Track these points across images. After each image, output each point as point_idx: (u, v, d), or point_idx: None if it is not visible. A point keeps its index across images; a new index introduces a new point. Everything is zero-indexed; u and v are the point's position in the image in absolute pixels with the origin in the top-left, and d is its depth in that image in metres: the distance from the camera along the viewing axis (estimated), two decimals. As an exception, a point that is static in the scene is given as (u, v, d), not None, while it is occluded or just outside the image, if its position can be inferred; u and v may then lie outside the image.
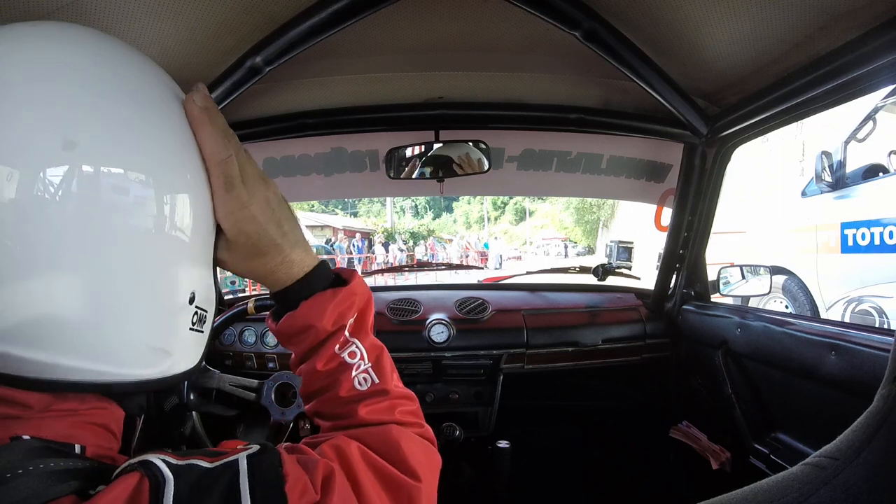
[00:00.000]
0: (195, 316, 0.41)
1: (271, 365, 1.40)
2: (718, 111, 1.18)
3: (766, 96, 1.01)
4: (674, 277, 1.49)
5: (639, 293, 1.65)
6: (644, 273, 1.73)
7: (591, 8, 0.84)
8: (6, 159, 0.30)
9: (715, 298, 1.48)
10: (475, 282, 2.03)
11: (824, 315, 3.46)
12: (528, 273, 1.96)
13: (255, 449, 0.35)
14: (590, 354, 1.48)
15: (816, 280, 3.66)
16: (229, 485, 0.31)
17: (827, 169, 3.52)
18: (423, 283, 2.16)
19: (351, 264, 14.20)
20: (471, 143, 1.37)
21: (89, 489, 0.30)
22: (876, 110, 3.38)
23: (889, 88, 2.96)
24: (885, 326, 3.07)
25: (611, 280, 1.66)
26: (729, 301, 1.67)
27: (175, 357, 0.39)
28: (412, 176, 1.42)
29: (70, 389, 0.34)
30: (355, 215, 31.14)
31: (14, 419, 0.33)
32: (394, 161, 1.42)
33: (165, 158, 0.36)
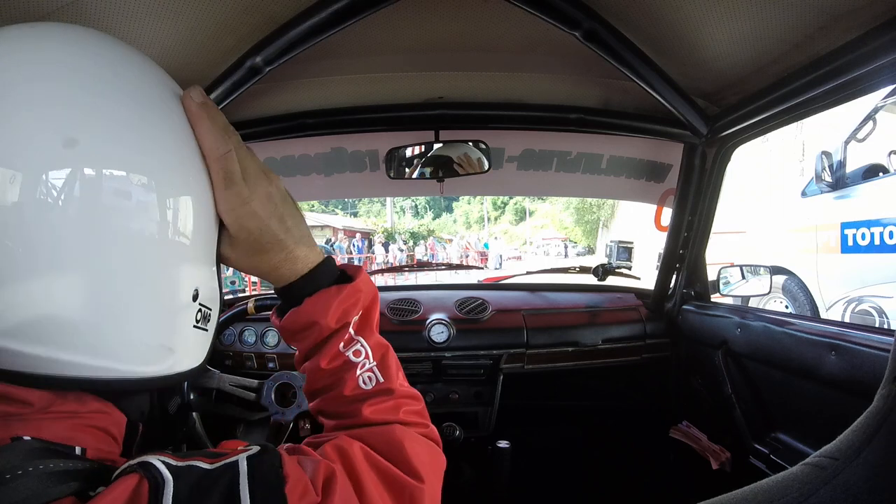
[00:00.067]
0: (199, 314, 0.41)
1: (271, 365, 1.40)
2: (718, 111, 1.18)
3: (766, 96, 1.01)
4: (674, 277, 1.49)
5: (639, 293, 1.65)
6: (644, 273, 1.73)
7: (591, 8, 0.84)
8: (6, 161, 0.30)
9: (715, 298, 1.47)
10: (475, 282, 2.03)
11: (824, 315, 3.45)
12: (528, 273, 1.96)
13: (256, 450, 0.34)
14: (590, 354, 1.48)
15: (816, 280, 3.65)
16: (229, 486, 0.31)
17: (827, 169, 3.52)
18: (423, 283, 2.15)
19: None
20: (471, 143, 1.37)
21: (89, 490, 0.30)
22: (876, 110, 3.38)
23: (889, 88, 2.96)
24: (885, 326, 3.07)
25: (611, 280, 1.66)
26: (729, 301, 1.67)
27: (178, 355, 0.39)
28: (412, 176, 1.42)
29: (69, 386, 0.34)
30: (355, 215, 31.14)
31: (15, 418, 0.32)
32: (394, 161, 1.42)
33: (166, 158, 0.36)
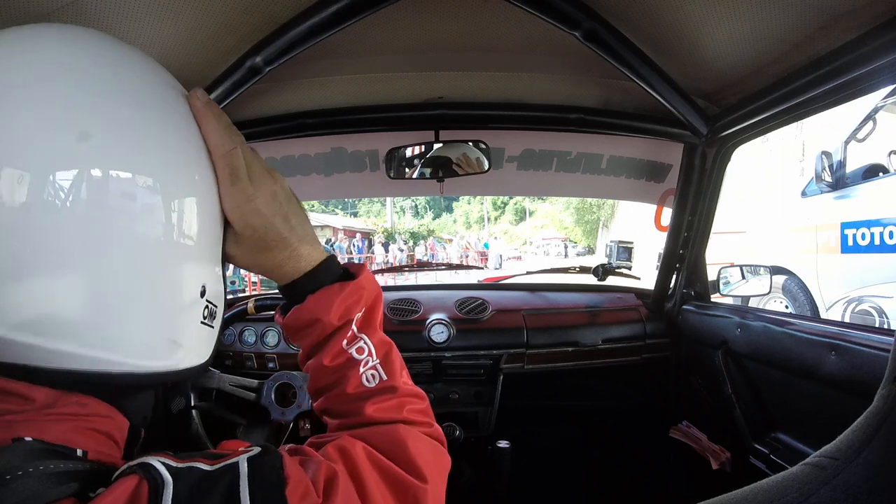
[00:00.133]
0: (206, 310, 0.41)
1: (271, 365, 1.40)
2: (718, 111, 1.18)
3: (766, 96, 1.01)
4: (674, 277, 1.49)
5: (639, 293, 1.64)
6: (644, 273, 1.73)
7: (591, 8, 0.84)
8: (12, 161, 0.30)
9: (715, 298, 1.47)
10: (475, 282, 2.03)
11: (824, 315, 3.45)
12: (528, 273, 1.96)
13: (257, 451, 0.34)
14: (590, 354, 1.48)
15: (816, 280, 3.65)
16: (229, 487, 0.31)
17: (827, 169, 3.52)
18: (423, 283, 2.15)
19: (351, 264, 14.16)
20: (471, 143, 1.37)
21: (89, 491, 0.29)
22: (876, 110, 3.38)
23: (889, 88, 2.96)
24: (885, 326, 3.07)
25: (611, 280, 1.66)
26: (729, 301, 1.67)
27: (186, 350, 0.39)
28: (412, 176, 1.42)
29: (77, 380, 0.33)
30: (355, 215, 31.14)
31: (17, 417, 0.32)
32: (394, 161, 1.42)
33: (171, 157, 0.37)
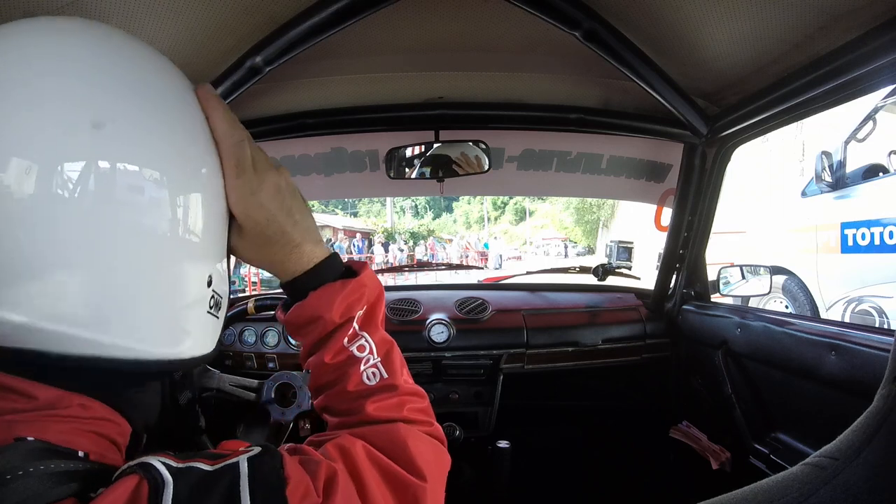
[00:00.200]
0: (212, 300, 0.41)
1: (271, 365, 1.40)
2: (718, 111, 1.18)
3: (766, 96, 1.01)
4: (674, 277, 1.49)
5: (639, 293, 1.65)
6: (644, 273, 1.73)
7: (591, 8, 0.84)
8: (21, 152, 0.30)
9: (715, 298, 1.47)
10: (475, 282, 2.03)
11: (824, 315, 3.45)
12: (528, 273, 1.96)
13: (257, 451, 0.34)
14: (590, 354, 1.48)
15: (816, 280, 3.65)
16: (229, 487, 0.31)
17: (827, 169, 3.52)
18: (423, 283, 2.15)
19: (351, 264, 14.17)
20: (471, 143, 1.37)
21: (90, 491, 0.29)
22: (876, 110, 3.38)
23: (889, 88, 2.96)
24: (885, 326, 3.07)
25: (611, 280, 1.66)
26: (729, 301, 1.67)
27: (193, 339, 0.39)
28: (412, 176, 1.42)
29: (86, 366, 0.33)
30: (355, 215, 31.12)
31: (19, 417, 0.32)
32: (394, 161, 1.42)
33: (182, 146, 0.37)
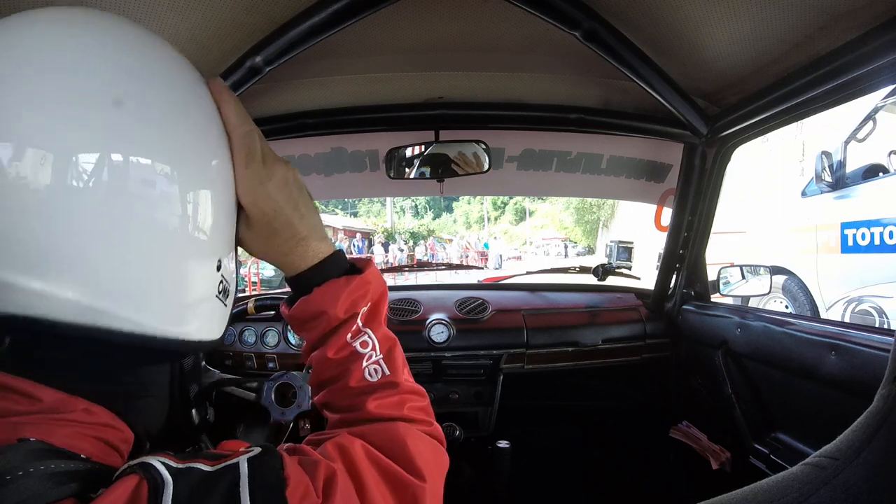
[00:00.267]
0: (221, 285, 0.42)
1: (271, 365, 1.40)
2: (718, 111, 1.18)
3: (766, 96, 1.01)
4: (674, 277, 1.49)
5: (639, 293, 1.64)
6: (644, 273, 1.73)
7: (591, 8, 0.84)
8: (37, 143, 0.31)
9: (715, 298, 1.47)
10: (475, 282, 2.03)
11: (824, 315, 3.45)
12: (528, 273, 1.96)
13: (257, 451, 0.34)
14: (590, 354, 1.48)
15: (816, 280, 3.65)
16: (229, 488, 0.31)
17: (827, 169, 3.52)
18: (423, 283, 2.15)
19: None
20: (471, 143, 1.37)
21: (90, 492, 0.29)
22: (876, 110, 3.38)
23: (889, 88, 2.96)
24: (885, 326, 3.07)
25: (611, 280, 1.66)
26: (729, 301, 1.67)
27: (201, 321, 0.40)
28: (412, 176, 1.43)
29: (97, 337, 0.33)
30: (355, 215, 31.13)
31: (23, 419, 0.32)
32: (394, 161, 1.42)
33: (196, 136, 0.38)
